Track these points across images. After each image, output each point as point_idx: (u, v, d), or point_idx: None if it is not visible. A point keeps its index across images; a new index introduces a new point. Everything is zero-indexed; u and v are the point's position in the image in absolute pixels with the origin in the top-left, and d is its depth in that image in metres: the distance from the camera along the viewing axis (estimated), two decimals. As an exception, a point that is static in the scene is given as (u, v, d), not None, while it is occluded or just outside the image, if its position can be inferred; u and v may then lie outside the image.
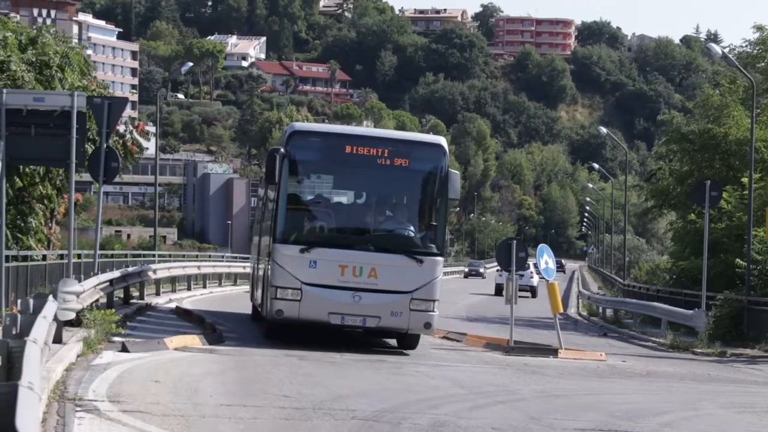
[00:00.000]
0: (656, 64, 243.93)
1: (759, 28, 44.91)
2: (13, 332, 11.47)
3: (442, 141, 22.01)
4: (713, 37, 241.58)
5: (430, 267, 21.03)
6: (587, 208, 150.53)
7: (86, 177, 27.15)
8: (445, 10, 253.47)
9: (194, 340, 20.82)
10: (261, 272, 23.91)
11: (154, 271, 33.69)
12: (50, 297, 14.12)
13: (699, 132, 43.12)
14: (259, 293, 24.22)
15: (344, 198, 22.28)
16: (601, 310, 45.80)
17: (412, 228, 21.48)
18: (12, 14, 58.92)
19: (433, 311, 21.10)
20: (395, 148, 21.40)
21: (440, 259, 21.38)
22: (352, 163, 21.11)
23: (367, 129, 26.33)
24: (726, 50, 43.33)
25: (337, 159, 21.31)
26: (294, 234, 20.97)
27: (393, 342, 22.84)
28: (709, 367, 24.33)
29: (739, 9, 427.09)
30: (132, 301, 30.80)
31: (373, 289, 20.68)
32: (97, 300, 22.50)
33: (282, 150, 20.96)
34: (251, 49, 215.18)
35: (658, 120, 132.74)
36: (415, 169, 21.57)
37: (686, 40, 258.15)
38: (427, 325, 21.10)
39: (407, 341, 22.20)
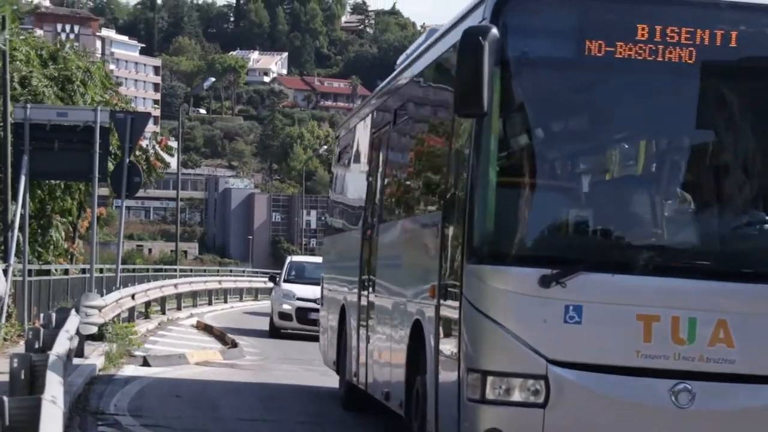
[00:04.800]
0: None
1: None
2: (36, 346, 11.53)
3: None
4: None
5: None
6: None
7: (107, 191, 27.32)
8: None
9: (215, 354, 20.86)
10: (373, 310, 12.39)
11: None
12: (73, 311, 14.18)
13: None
14: (380, 363, 12.01)
15: (634, 153, 9.33)
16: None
17: None
18: (36, 30, 59.36)
19: None
20: (745, 25, 8.91)
21: None
22: (650, 67, 8.80)
23: None
24: None
25: (615, 60, 8.77)
26: (525, 241, 8.77)
27: None
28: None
29: None
30: (152, 316, 30.92)
31: (723, 374, 8.65)
32: (118, 314, 22.57)
33: (494, 32, 8.51)
34: (273, 64, 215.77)
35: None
36: None
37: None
38: None
39: None
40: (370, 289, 12.55)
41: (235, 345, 22.69)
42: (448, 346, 9.07)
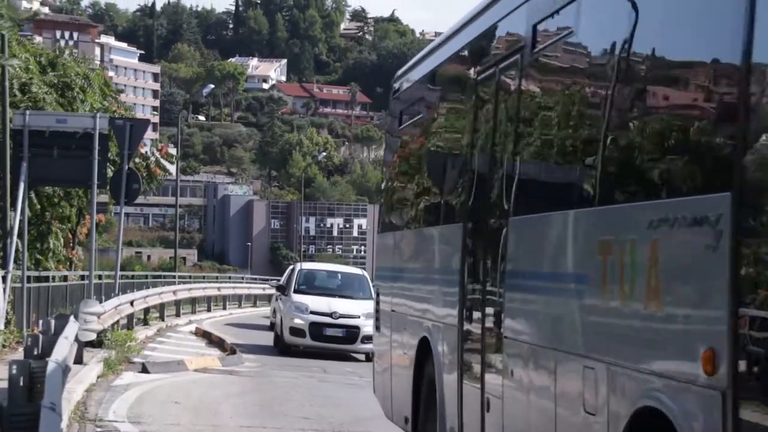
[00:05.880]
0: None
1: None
2: (35, 353, 11.51)
3: None
4: None
5: None
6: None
7: (106, 198, 27.34)
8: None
9: (214, 361, 20.85)
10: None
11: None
12: (71, 318, 14.16)
13: None
14: None
15: None
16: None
17: None
18: (35, 37, 59.37)
19: None
20: None
21: None
22: None
23: None
24: None
25: None
26: None
27: None
28: None
29: None
30: (151, 322, 30.92)
31: None
32: (117, 321, 22.56)
33: None
34: (272, 71, 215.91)
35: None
36: None
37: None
38: None
39: None
40: (487, 319, 7.80)
41: (233, 352, 22.69)
42: None
